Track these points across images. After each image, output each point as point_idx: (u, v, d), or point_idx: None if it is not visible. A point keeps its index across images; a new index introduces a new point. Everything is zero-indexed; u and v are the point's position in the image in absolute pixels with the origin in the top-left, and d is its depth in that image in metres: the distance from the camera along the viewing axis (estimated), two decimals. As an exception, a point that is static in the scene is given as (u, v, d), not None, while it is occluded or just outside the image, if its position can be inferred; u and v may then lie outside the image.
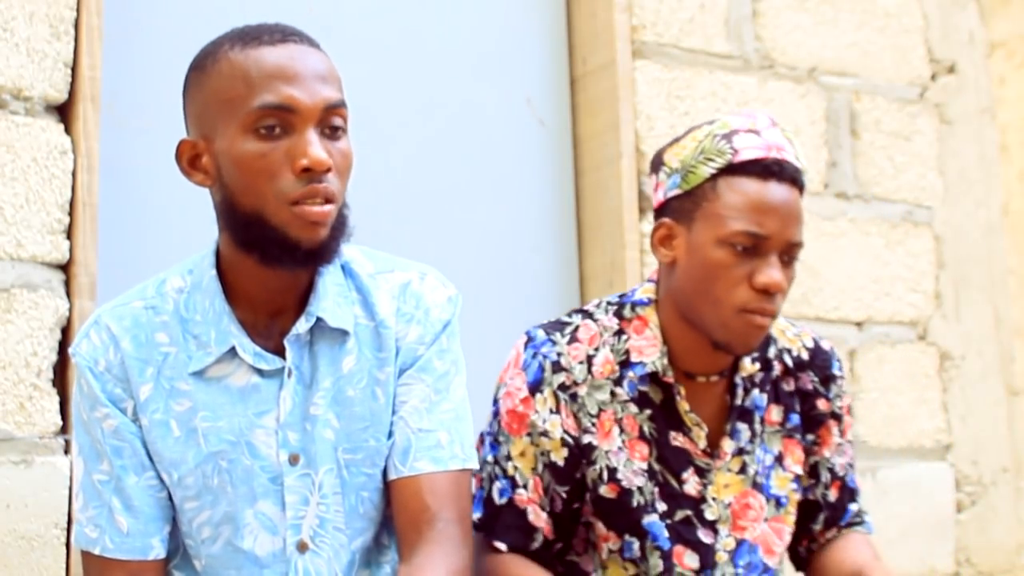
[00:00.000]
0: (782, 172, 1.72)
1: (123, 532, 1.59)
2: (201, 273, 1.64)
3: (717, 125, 1.77)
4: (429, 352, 1.68)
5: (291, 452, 1.62)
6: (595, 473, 1.79)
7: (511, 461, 1.79)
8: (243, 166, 1.53)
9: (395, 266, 1.73)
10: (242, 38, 1.57)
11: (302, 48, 1.57)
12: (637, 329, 1.82)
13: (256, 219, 1.53)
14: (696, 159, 1.74)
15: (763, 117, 1.77)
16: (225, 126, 1.54)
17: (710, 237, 1.71)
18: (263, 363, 1.61)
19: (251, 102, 1.52)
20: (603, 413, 1.79)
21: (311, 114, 1.53)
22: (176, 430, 1.60)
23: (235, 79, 1.53)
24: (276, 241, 1.53)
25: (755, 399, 1.85)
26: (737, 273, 1.70)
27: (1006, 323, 3.25)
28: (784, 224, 1.71)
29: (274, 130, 1.52)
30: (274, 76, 1.53)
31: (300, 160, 1.51)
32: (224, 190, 1.56)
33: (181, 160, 1.60)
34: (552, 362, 1.79)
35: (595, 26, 2.80)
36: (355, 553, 1.66)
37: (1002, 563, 3.15)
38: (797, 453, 1.88)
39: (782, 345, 1.89)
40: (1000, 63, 3.40)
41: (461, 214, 2.68)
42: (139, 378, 1.60)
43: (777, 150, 1.73)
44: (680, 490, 1.81)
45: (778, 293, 1.70)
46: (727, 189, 1.71)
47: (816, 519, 1.91)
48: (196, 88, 1.59)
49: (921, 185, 3.15)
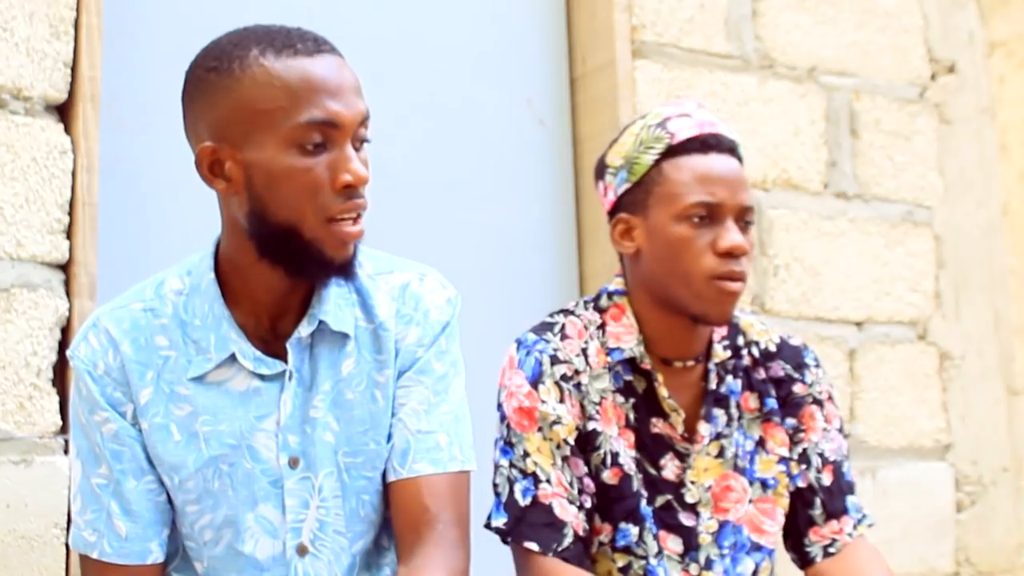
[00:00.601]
0: (720, 144, 1.82)
1: (121, 536, 1.59)
2: (200, 276, 1.63)
3: (650, 117, 1.86)
4: (428, 354, 1.67)
5: (291, 455, 1.61)
6: (599, 458, 1.80)
7: (528, 458, 1.78)
8: (285, 181, 1.50)
9: (394, 267, 1.72)
10: (273, 45, 1.53)
11: (337, 60, 1.56)
12: (614, 316, 1.87)
13: (291, 232, 1.52)
14: (637, 151, 1.83)
15: (690, 103, 1.87)
16: (262, 137, 1.50)
17: (667, 217, 1.80)
18: (264, 368, 1.60)
19: (296, 117, 1.49)
20: (604, 400, 1.82)
21: (351, 129, 1.53)
22: (177, 434, 1.60)
23: (274, 89, 1.50)
24: (310, 256, 1.53)
25: (730, 385, 1.89)
26: (700, 244, 1.78)
27: (1006, 323, 3.25)
28: (733, 190, 1.79)
29: (318, 146, 1.51)
30: (320, 90, 1.51)
31: (343, 176, 1.51)
32: (255, 202, 1.53)
33: (202, 167, 1.55)
34: (550, 356, 1.81)
35: (595, 26, 2.80)
36: (355, 556, 1.65)
37: (1002, 563, 3.15)
38: (779, 436, 1.90)
39: (750, 338, 1.94)
40: (1000, 63, 3.40)
41: (461, 214, 2.68)
42: (139, 382, 1.60)
43: (710, 126, 1.83)
44: (659, 475, 1.83)
45: (743, 256, 1.78)
46: (673, 170, 1.80)
47: (813, 504, 1.91)
48: (218, 93, 1.53)
49: (921, 185, 3.15)
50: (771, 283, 2.89)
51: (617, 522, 1.82)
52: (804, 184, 2.97)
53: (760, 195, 2.89)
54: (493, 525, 1.79)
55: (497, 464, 1.81)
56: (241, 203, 1.55)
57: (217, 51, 1.55)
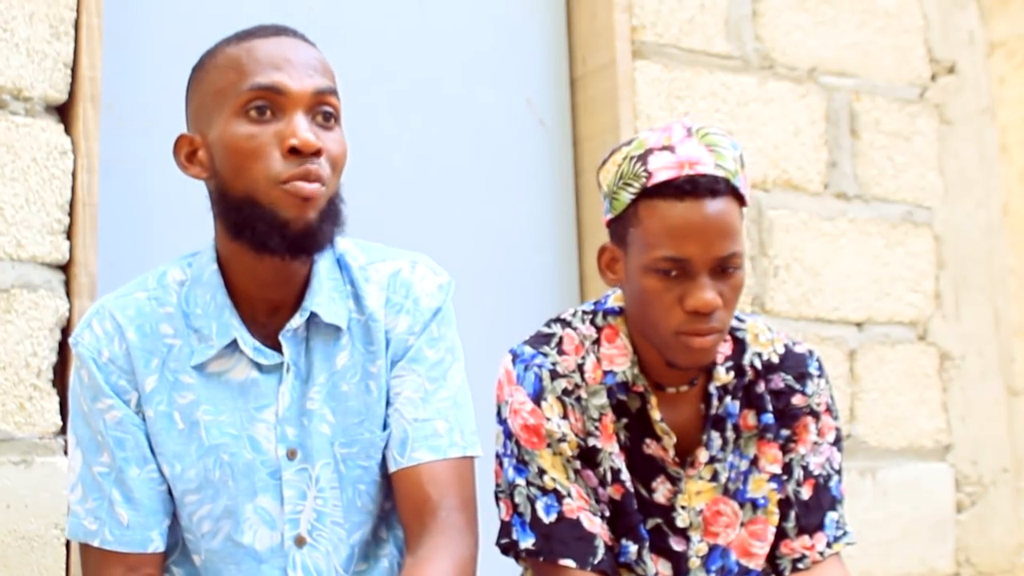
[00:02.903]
0: (697, 189, 1.67)
1: (123, 524, 1.59)
2: (201, 267, 1.65)
3: (634, 145, 1.74)
4: (419, 342, 1.67)
5: (289, 447, 1.62)
6: (600, 475, 1.78)
7: (546, 475, 1.75)
8: (233, 148, 1.55)
9: (387, 256, 1.73)
10: (238, 35, 1.61)
11: (294, 41, 1.61)
12: (608, 338, 1.82)
13: (247, 201, 1.55)
14: (617, 185, 1.73)
15: (679, 129, 1.73)
16: (218, 115, 1.57)
17: (638, 264, 1.71)
18: (262, 357, 1.62)
19: (241, 86, 1.55)
20: (604, 417, 1.79)
21: (300, 98, 1.56)
22: (180, 423, 1.61)
23: (228, 69, 1.57)
24: (266, 220, 1.54)
25: (728, 406, 1.83)
26: (668, 298, 1.69)
27: (1006, 323, 3.25)
28: (706, 243, 1.67)
29: (264, 112, 1.55)
30: (265, 63, 1.56)
31: (289, 140, 1.53)
32: (217, 178, 1.58)
33: (178, 154, 1.62)
34: (549, 371, 1.78)
35: (595, 26, 2.80)
36: (353, 547, 1.66)
37: (1002, 563, 3.15)
38: (772, 453, 1.85)
39: (754, 350, 1.87)
40: (1000, 63, 3.40)
41: (461, 214, 2.68)
42: (144, 369, 1.60)
43: (690, 165, 1.68)
44: (650, 498, 1.80)
45: (715, 311, 1.69)
46: (647, 214, 1.69)
47: (788, 516, 1.86)
48: (195, 86, 1.63)
49: (921, 185, 3.15)
50: (771, 283, 2.89)
51: (620, 537, 1.79)
52: (804, 184, 2.97)
53: (760, 195, 2.89)
54: (522, 547, 1.73)
55: (512, 483, 1.76)
56: (212, 188, 1.61)
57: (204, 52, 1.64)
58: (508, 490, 1.77)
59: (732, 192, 1.70)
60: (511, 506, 1.76)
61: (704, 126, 1.74)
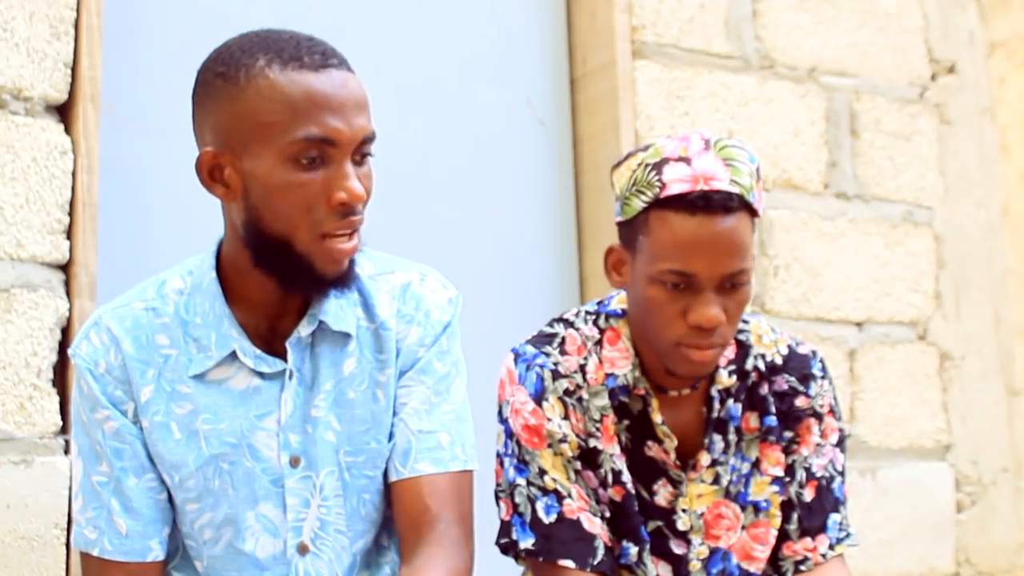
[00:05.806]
0: (709, 204, 1.66)
1: (122, 534, 1.59)
2: (201, 275, 1.64)
3: (650, 152, 1.72)
4: (429, 354, 1.68)
5: (292, 454, 1.61)
6: (601, 476, 1.78)
7: (546, 475, 1.75)
8: (280, 194, 1.51)
9: (395, 267, 1.73)
10: (280, 56, 1.53)
11: (343, 75, 1.55)
12: (611, 340, 1.82)
13: (283, 246, 1.53)
14: (630, 191, 1.72)
15: (696, 141, 1.71)
16: (260, 148, 1.51)
17: (644, 273, 1.70)
18: (264, 366, 1.61)
19: (295, 132, 1.50)
20: (605, 418, 1.79)
21: (350, 146, 1.53)
22: (177, 432, 1.60)
23: (275, 103, 1.50)
24: (302, 270, 1.53)
25: (730, 409, 1.83)
26: (671, 310, 1.69)
27: (1006, 323, 3.25)
28: (714, 260, 1.66)
29: (314, 161, 1.51)
30: (320, 106, 1.50)
31: (338, 194, 1.51)
32: (251, 211, 1.54)
33: (201, 171, 1.55)
34: (551, 371, 1.78)
35: (595, 26, 2.80)
36: (356, 555, 1.65)
37: (1002, 563, 3.15)
38: (774, 456, 1.85)
39: (757, 352, 1.87)
40: (1000, 63, 3.40)
41: (461, 214, 2.68)
42: (140, 380, 1.60)
43: (705, 180, 1.67)
44: (651, 500, 1.80)
45: (718, 326, 1.68)
46: (658, 224, 1.68)
47: (790, 519, 1.86)
48: (223, 99, 1.53)
49: (921, 185, 3.15)
50: (771, 283, 2.89)
51: (620, 539, 1.79)
52: (804, 184, 2.97)
53: (760, 195, 2.89)
54: (521, 547, 1.74)
55: (513, 484, 1.77)
56: (239, 211, 1.56)
57: (226, 56, 1.55)
58: (508, 490, 1.77)
59: (745, 207, 1.70)
60: (511, 506, 1.76)
61: (723, 138, 1.72)
